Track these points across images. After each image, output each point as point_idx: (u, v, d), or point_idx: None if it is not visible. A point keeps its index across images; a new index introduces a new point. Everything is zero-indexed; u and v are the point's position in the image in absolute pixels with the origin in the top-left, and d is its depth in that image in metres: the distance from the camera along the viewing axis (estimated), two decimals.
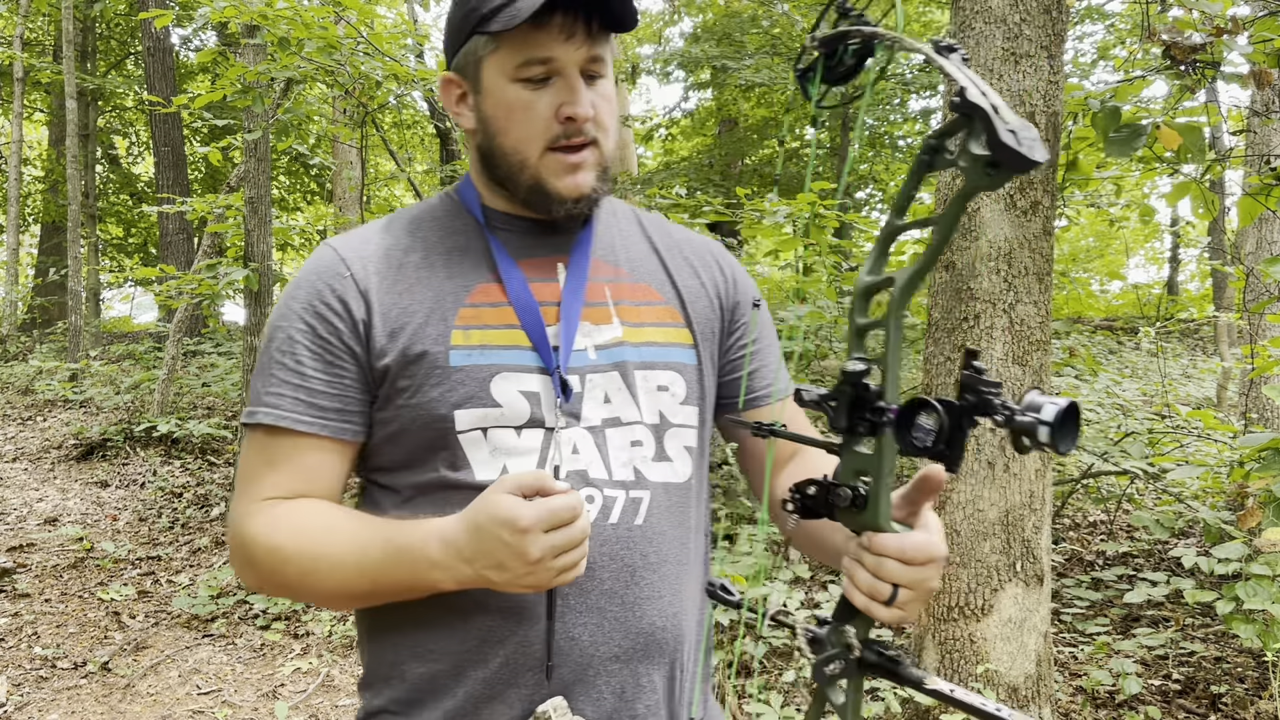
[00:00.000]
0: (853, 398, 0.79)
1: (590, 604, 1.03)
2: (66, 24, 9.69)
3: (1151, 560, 4.79)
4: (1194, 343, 12.57)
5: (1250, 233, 5.79)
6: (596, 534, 1.02)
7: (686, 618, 1.10)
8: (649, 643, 1.06)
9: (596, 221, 1.16)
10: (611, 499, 1.05)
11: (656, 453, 1.09)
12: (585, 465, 1.05)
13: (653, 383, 1.10)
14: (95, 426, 7.51)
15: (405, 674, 1.06)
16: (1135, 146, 3.23)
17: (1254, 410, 5.50)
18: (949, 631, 2.82)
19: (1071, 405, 0.69)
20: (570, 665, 1.02)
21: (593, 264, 1.13)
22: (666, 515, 1.08)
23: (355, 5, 4.50)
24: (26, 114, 14.51)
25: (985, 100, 0.68)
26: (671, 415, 1.11)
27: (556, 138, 1.04)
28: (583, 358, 1.07)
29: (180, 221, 11.33)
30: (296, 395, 1.04)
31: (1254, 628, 3.03)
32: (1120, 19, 11.57)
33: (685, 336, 1.15)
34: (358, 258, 1.08)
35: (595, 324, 1.10)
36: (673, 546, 1.08)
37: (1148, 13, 4.44)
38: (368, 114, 5.56)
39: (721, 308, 1.20)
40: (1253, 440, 3.37)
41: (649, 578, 1.06)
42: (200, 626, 4.31)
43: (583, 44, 1.02)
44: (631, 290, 1.14)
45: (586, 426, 1.06)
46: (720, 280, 1.21)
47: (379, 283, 1.06)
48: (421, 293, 1.07)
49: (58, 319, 12.84)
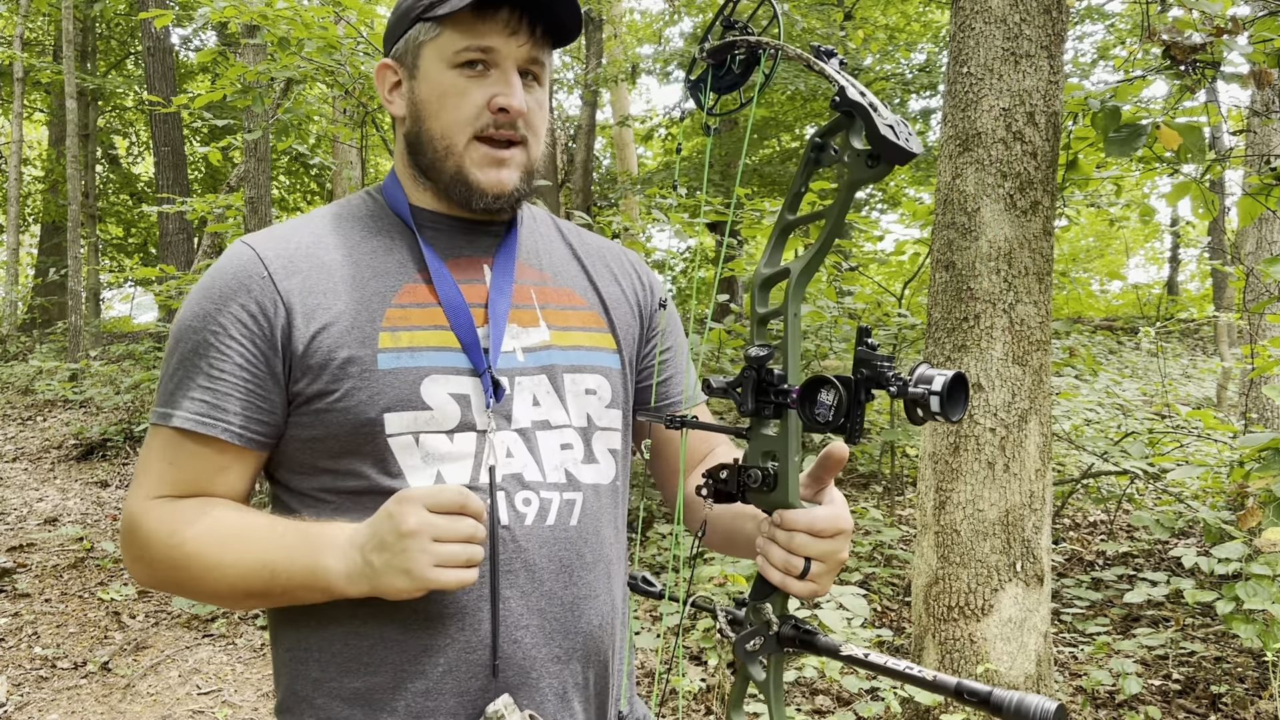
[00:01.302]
0: (756, 381, 0.85)
1: (532, 606, 1.02)
2: (66, 24, 9.69)
3: (1151, 560, 4.79)
4: (1194, 343, 12.58)
5: (1250, 233, 5.79)
6: (535, 535, 1.02)
7: (616, 615, 1.12)
8: (586, 643, 1.06)
9: (520, 225, 1.16)
10: (548, 501, 1.04)
11: (585, 455, 1.10)
12: (520, 468, 1.04)
13: (580, 386, 1.11)
14: (95, 426, 7.51)
15: (336, 690, 1.02)
16: (1135, 146, 3.23)
17: (1254, 410, 5.50)
18: (949, 631, 2.82)
19: (958, 376, 0.74)
20: (514, 668, 1.01)
21: (518, 267, 1.13)
22: (597, 516, 1.09)
23: (355, 5, 4.50)
24: (26, 114, 14.51)
25: (864, 99, 0.73)
26: (598, 418, 1.12)
27: (485, 127, 1.04)
28: (511, 359, 1.07)
29: (180, 221, 11.33)
30: (205, 399, 1.00)
31: (1254, 628, 3.03)
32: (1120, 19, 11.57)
33: (609, 341, 1.16)
34: (276, 256, 1.03)
35: (523, 326, 1.09)
36: (604, 546, 1.10)
37: (1148, 13, 4.44)
38: (368, 114, 5.56)
39: (640, 314, 1.22)
40: (1253, 440, 3.37)
41: (585, 577, 1.07)
42: (200, 626, 4.31)
43: (525, 42, 1.04)
44: (556, 295, 1.15)
45: (517, 429, 1.05)
46: (639, 288, 1.23)
47: (300, 283, 1.02)
48: (346, 293, 1.03)
49: (58, 319, 12.84)
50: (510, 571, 1.01)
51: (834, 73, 0.78)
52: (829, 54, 0.81)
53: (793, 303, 0.83)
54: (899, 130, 0.71)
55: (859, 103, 0.73)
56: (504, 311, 1.08)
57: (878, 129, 0.70)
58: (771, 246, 0.87)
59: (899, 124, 0.72)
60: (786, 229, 0.87)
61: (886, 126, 0.71)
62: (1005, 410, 2.79)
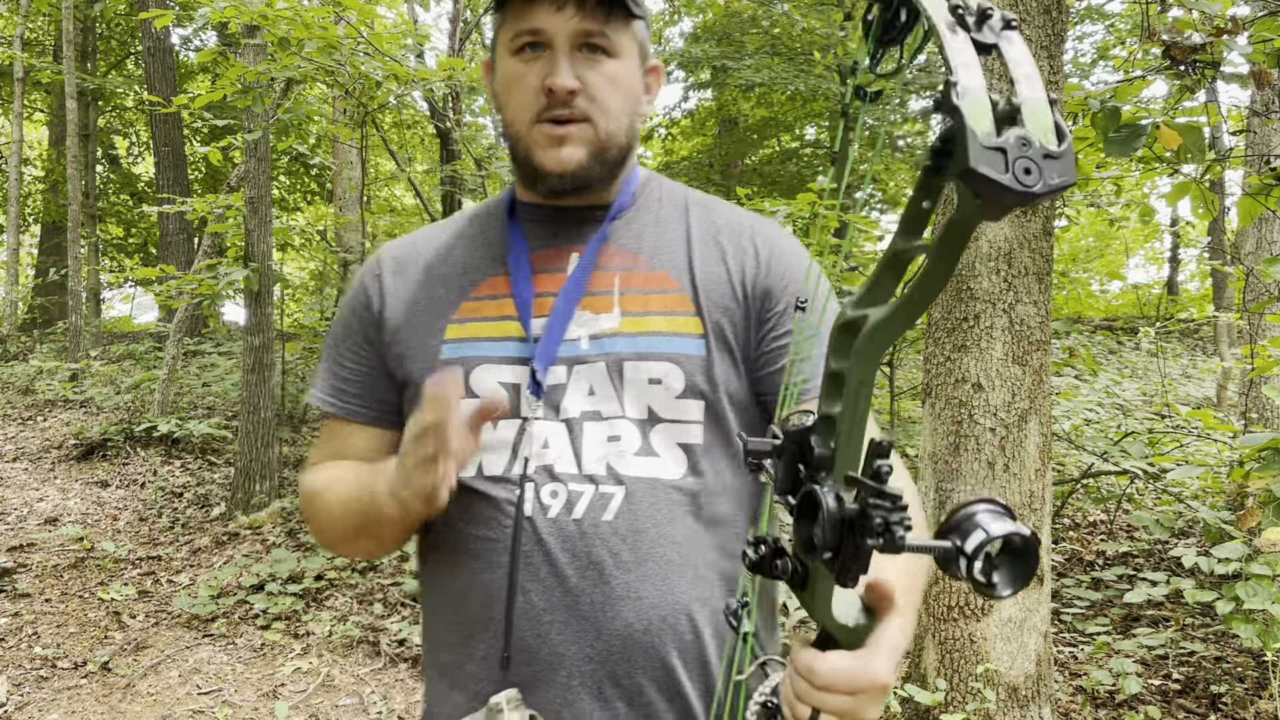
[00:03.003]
0: (796, 458, 0.63)
1: (556, 600, 1.00)
2: (66, 24, 9.69)
3: (1151, 560, 4.79)
4: (1194, 343, 12.58)
5: (1250, 233, 5.79)
6: (559, 529, 1.01)
7: (680, 622, 1.02)
8: (628, 645, 1.00)
9: (632, 208, 1.14)
10: (577, 493, 1.02)
11: (641, 448, 1.03)
12: (553, 460, 1.03)
13: (644, 375, 1.04)
14: (95, 426, 7.51)
15: (433, 660, 1.13)
16: (1135, 146, 3.23)
17: (1254, 410, 5.50)
18: (949, 631, 2.82)
19: (1019, 538, 0.52)
20: (539, 662, 1.00)
21: (609, 252, 1.10)
22: (648, 513, 1.02)
23: (355, 5, 4.50)
24: (26, 114, 14.51)
25: (983, 96, 0.48)
26: (662, 410, 1.04)
27: (541, 110, 1.04)
28: (575, 348, 1.05)
29: (180, 221, 11.33)
30: (329, 381, 1.17)
31: (1254, 628, 3.03)
32: (1120, 19, 11.57)
33: (694, 326, 1.06)
34: (391, 259, 1.17)
35: (595, 313, 1.07)
36: (657, 545, 1.02)
37: (1148, 13, 4.44)
38: (368, 114, 5.56)
39: (746, 295, 1.09)
40: (1253, 440, 3.37)
41: (622, 577, 1.00)
42: (200, 626, 4.31)
43: (574, 15, 1.02)
44: (644, 279, 1.09)
45: (564, 419, 1.04)
46: (750, 265, 1.10)
47: (401, 282, 1.14)
48: (433, 289, 1.12)
49: (58, 319, 12.84)
50: (530, 565, 1.01)
51: (952, 49, 0.50)
52: (984, 16, 0.51)
53: (859, 365, 0.58)
54: (1015, 154, 0.46)
55: (957, 107, 0.47)
56: (574, 301, 1.07)
57: (967, 153, 0.46)
58: (873, 280, 0.60)
59: (1018, 146, 0.46)
60: (896, 259, 0.59)
61: (990, 150, 0.46)
62: (1005, 410, 2.79)
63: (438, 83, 5.01)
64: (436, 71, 4.98)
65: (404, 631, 4.11)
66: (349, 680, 3.80)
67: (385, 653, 3.98)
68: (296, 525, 5.38)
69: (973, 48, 0.51)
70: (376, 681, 3.79)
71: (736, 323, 1.09)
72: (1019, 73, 0.49)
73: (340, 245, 9.41)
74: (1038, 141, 0.46)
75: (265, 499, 5.75)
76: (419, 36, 5.61)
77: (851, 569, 0.57)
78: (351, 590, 4.55)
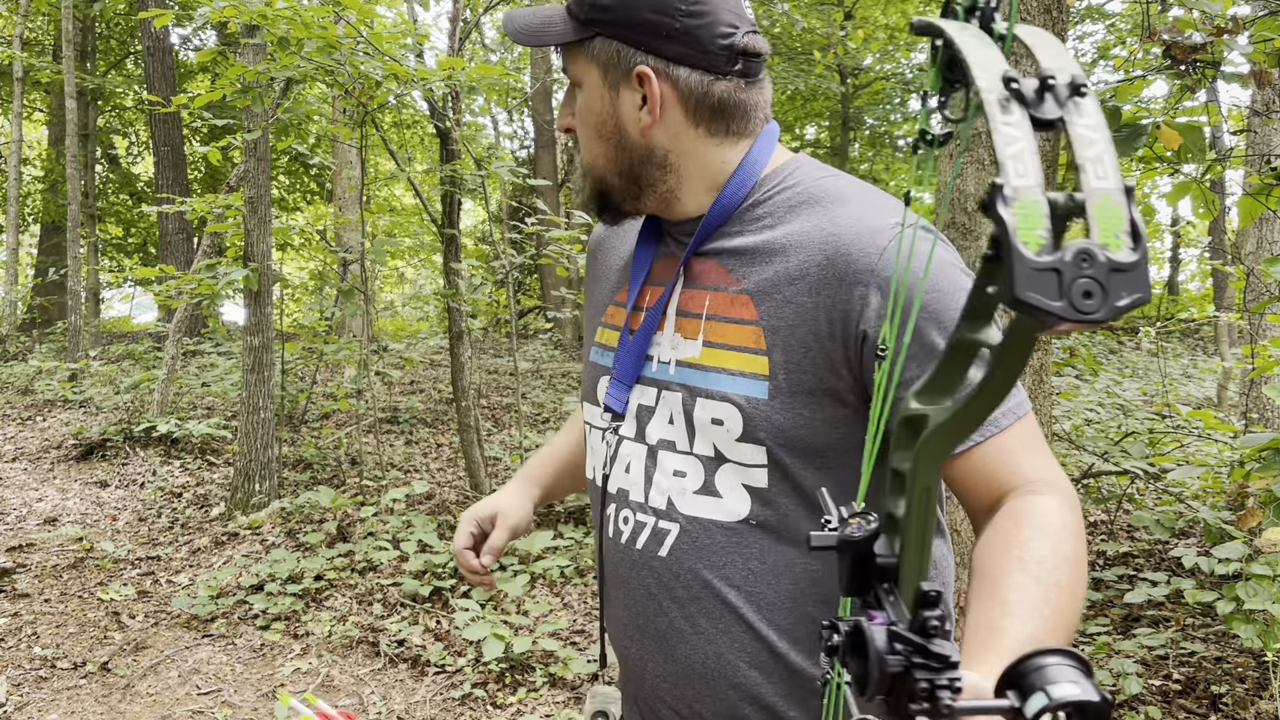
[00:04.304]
0: (857, 561, 0.57)
1: (632, 620, 1.04)
2: (66, 24, 9.68)
3: (1151, 560, 4.79)
4: (1194, 343, 12.58)
5: (1250, 233, 5.79)
6: (627, 556, 1.04)
7: (739, 668, 0.98)
8: (692, 674, 0.99)
9: (742, 213, 1.01)
10: (640, 525, 1.02)
11: (703, 486, 0.99)
12: (629, 485, 1.05)
13: (709, 414, 0.98)
14: (95, 426, 7.51)
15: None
16: (1135, 146, 3.23)
17: (1254, 410, 5.50)
18: (952, 632, 2.82)
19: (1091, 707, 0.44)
20: (627, 671, 1.06)
21: (707, 268, 1.01)
22: (701, 554, 0.98)
23: (355, 5, 4.50)
24: (26, 114, 14.51)
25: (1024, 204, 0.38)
26: (727, 451, 0.97)
27: None
28: (665, 371, 1.02)
29: (180, 221, 11.33)
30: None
31: (1254, 628, 3.03)
32: (1120, 19, 11.57)
33: (760, 366, 0.96)
34: (595, 241, 1.25)
35: (685, 337, 1.01)
36: (713, 588, 0.97)
37: (1148, 12, 4.44)
38: (367, 114, 5.56)
39: (840, 336, 0.93)
40: (1253, 440, 3.37)
41: (679, 612, 0.99)
42: (200, 626, 4.30)
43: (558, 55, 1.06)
44: (729, 304, 0.99)
45: (647, 444, 1.03)
46: (846, 306, 0.92)
47: (591, 268, 1.24)
48: (600, 286, 1.20)
49: (57, 319, 12.83)
50: (613, 582, 1.06)
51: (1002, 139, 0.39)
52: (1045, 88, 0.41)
53: (922, 471, 0.51)
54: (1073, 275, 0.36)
55: (1003, 218, 0.37)
56: (653, 325, 1.04)
57: (1013, 279, 0.36)
58: (934, 372, 0.52)
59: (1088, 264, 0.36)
60: (959, 349, 0.49)
61: (1041, 273, 0.36)
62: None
63: (437, 82, 5.00)
64: (436, 71, 4.97)
65: (404, 632, 4.11)
66: (348, 680, 3.80)
67: (385, 653, 3.97)
68: (296, 525, 5.38)
69: (1029, 127, 0.40)
70: (376, 682, 3.78)
71: (819, 365, 0.94)
72: (1087, 155, 0.39)
73: (340, 245, 9.41)
74: (1103, 253, 0.37)
75: (265, 499, 5.74)
76: (419, 36, 5.60)
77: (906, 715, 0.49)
78: (351, 590, 4.55)
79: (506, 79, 7.57)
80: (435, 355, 10.69)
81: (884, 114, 13.51)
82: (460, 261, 5.76)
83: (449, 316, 5.76)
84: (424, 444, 7.46)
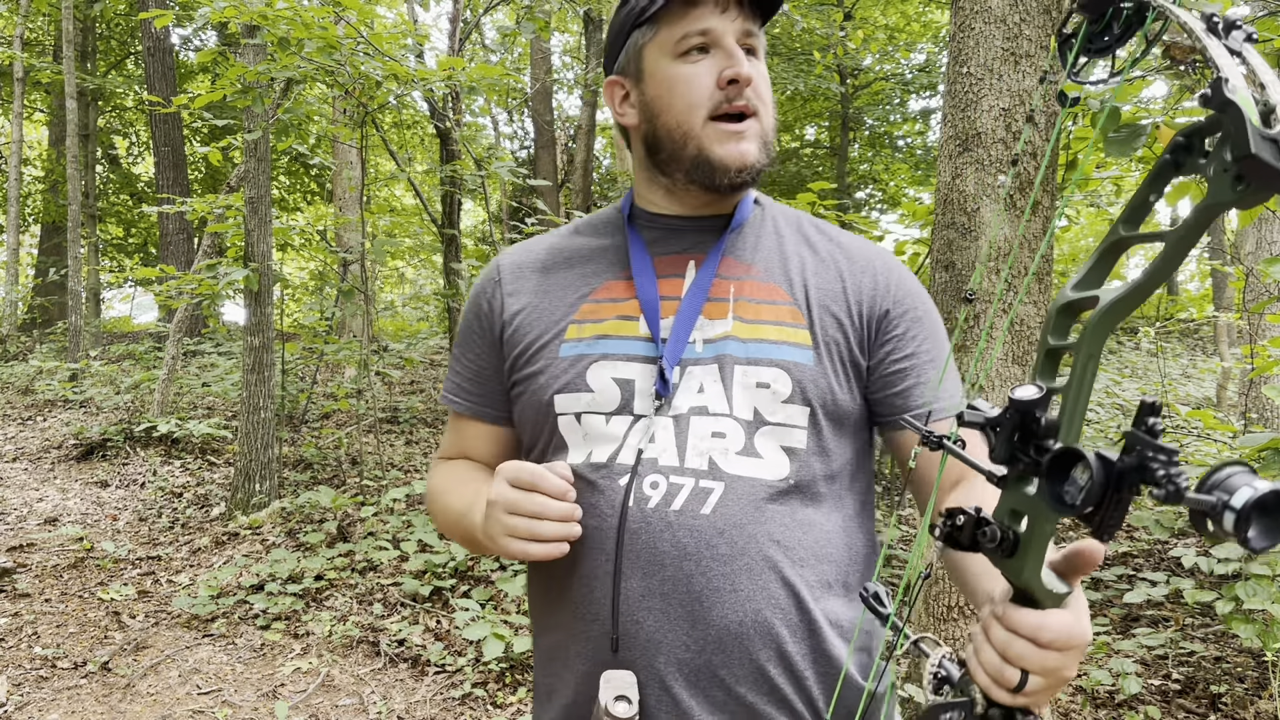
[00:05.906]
0: (1018, 427, 0.65)
1: (654, 588, 1.03)
2: (66, 24, 9.69)
3: (1151, 560, 4.79)
4: (1194, 343, 12.58)
5: (1250, 233, 5.79)
6: (658, 519, 1.04)
7: (780, 621, 1.04)
8: (725, 638, 1.02)
9: (747, 223, 1.17)
10: (677, 486, 1.04)
11: (744, 448, 1.06)
12: (657, 453, 1.06)
13: (752, 379, 1.07)
14: (95, 426, 7.51)
15: (541, 644, 1.18)
16: (1135, 146, 3.23)
17: (1254, 410, 5.50)
18: (949, 631, 2.82)
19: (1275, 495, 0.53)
20: (638, 648, 1.04)
21: (725, 262, 1.14)
22: (748, 510, 1.04)
23: (355, 5, 4.50)
24: (26, 114, 14.51)
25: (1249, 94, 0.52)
26: (769, 413, 1.07)
27: (719, 104, 1.07)
28: (690, 350, 1.09)
29: (180, 221, 11.34)
30: (454, 379, 1.26)
31: (1254, 628, 3.03)
32: None
33: (804, 338, 1.10)
34: (511, 264, 1.23)
35: (710, 319, 1.10)
36: (757, 543, 1.04)
37: None
38: (368, 114, 5.56)
39: (863, 315, 1.12)
40: (1253, 440, 3.37)
41: (720, 570, 1.03)
42: (200, 626, 4.31)
43: (737, 16, 1.08)
44: (755, 289, 1.12)
45: (674, 414, 1.07)
46: (868, 286, 1.14)
47: (521, 286, 1.20)
48: (554, 293, 1.17)
49: (58, 319, 12.84)
50: (632, 553, 1.04)
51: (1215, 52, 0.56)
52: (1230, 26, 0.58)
53: (1091, 341, 0.62)
54: None
55: (1231, 100, 0.51)
56: (697, 306, 1.10)
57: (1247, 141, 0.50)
58: (1091, 264, 0.66)
59: None
60: (1118, 245, 0.65)
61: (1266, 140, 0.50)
62: None
63: (438, 83, 5.01)
64: (436, 71, 4.97)
65: (404, 631, 4.11)
66: (349, 680, 3.80)
67: (385, 653, 3.98)
68: (296, 525, 5.39)
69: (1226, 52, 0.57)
70: (376, 681, 3.79)
71: (850, 340, 1.12)
72: (1267, 78, 0.54)
73: (340, 245, 9.41)
74: None
75: (265, 499, 5.75)
76: (419, 36, 5.60)
77: (1110, 523, 0.59)
78: (351, 590, 4.55)
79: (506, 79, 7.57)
80: (435, 355, 10.70)
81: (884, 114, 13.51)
82: (460, 261, 5.76)
83: (449, 316, 5.76)
84: (424, 444, 7.47)
